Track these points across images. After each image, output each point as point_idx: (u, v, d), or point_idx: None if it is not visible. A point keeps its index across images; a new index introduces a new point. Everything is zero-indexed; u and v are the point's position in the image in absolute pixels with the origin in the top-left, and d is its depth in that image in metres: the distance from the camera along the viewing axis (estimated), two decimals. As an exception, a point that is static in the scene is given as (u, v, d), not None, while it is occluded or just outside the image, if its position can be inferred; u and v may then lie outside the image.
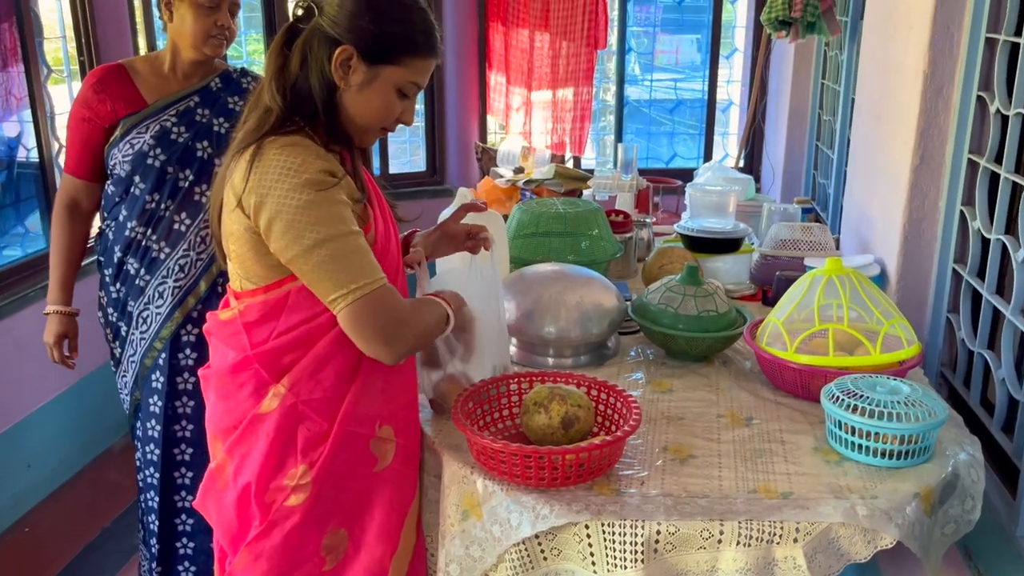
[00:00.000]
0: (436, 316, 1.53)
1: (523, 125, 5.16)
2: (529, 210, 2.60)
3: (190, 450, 2.27)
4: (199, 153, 2.17)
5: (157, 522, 2.29)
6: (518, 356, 2.06)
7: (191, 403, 2.25)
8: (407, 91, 1.46)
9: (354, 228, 1.39)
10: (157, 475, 2.27)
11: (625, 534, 1.40)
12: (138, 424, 2.30)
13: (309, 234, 1.34)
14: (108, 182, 2.21)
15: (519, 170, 4.76)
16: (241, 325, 1.48)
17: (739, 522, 1.39)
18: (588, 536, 1.42)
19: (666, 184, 4.13)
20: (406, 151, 5.76)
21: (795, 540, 1.38)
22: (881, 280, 2.50)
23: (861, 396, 1.58)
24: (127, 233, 2.18)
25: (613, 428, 1.66)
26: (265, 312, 1.46)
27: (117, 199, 2.19)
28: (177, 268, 2.18)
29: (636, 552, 1.40)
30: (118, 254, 2.20)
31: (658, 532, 1.40)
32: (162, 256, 2.18)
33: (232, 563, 1.56)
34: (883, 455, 1.55)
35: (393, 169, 5.44)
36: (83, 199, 2.24)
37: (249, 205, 1.37)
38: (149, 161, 2.14)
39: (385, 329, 1.38)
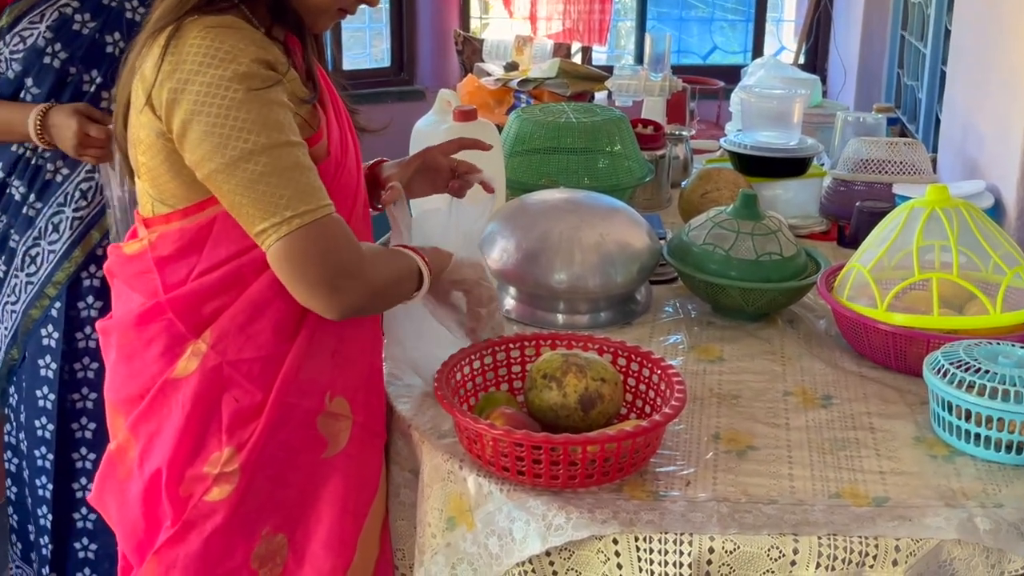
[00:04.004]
0: (401, 271, 1.51)
1: (529, 8, 5.12)
2: (531, 119, 2.62)
3: (92, 425, 2.29)
4: (109, 48, 2.16)
5: (51, 516, 2.32)
6: (517, 311, 2.05)
7: (94, 365, 2.27)
8: None
9: (295, 138, 1.39)
10: (51, 456, 2.29)
11: (667, 552, 1.39)
12: (13, 391, 2.32)
13: (235, 143, 1.34)
14: None
15: (512, 66, 4.75)
16: (152, 261, 1.48)
17: (819, 537, 1.38)
18: (617, 555, 1.40)
19: (704, 86, 4.11)
20: (364, 41, 5.72)
21: (894, 563, 1.37)
22: (995, 214, 2.50)
23: (978, 369, 1.56)
24: (14, 148, 2.19)
25: (648, 410, 1.64)
26: (183, 244, 1.46)
27: None
28: (78, 194, 2.20)
29: (681, 576, 1.39)
30: (0, 174, 2.22)
31: (711, 550, 1.38)
32: (59, 179, 2.20)
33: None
34: (1009, 448, 1.54)
35: (348, 64, 5.40)
36: None
37: (160, 102, 1.37)
38: (46, 59, 2.13)
39: (334, 271, 1.38)
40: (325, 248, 1.37)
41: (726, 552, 1.38)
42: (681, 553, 1.38)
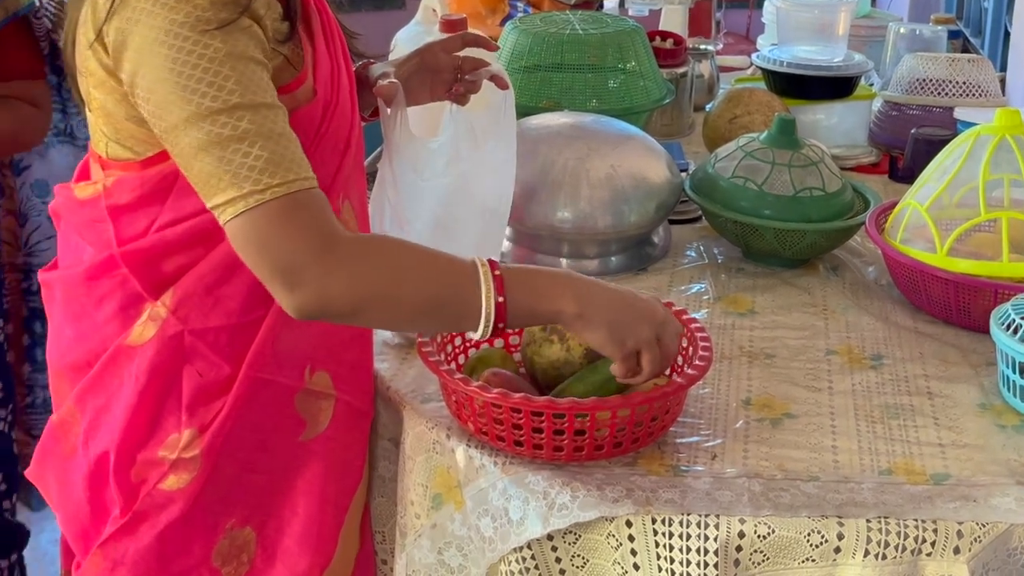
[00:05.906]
0: (443, 283, 1.37)
1: None
2: (529, 31, 2.60)
3: None
4: None
5: None
6: (514, 254, 2.07)
7: None
8: None
9: (276, 102, 1.33)
10: None
11: (689, 537, 1.38)
12: None
13: (208, 91, 1.28)
14: None
15: (508, -30, 4.69)
16: (106, 209, 1.46)
17: (867, 521, 1.37)
18: (630, 539, 1.40)
19: (733, -7, 4.09)
20: (335, -61, 5.66)
21: (956, 550, 1.36)
22: (1074, 144, 2.46)
23: (1055, 325, 1.57)
24: None
25: (667, 370, 1.60)
26: (143, 193, 1.44)
27: None
28: None
29: (706, 565, 1.38)
30: None
31: (741, 534, 1.38)
32: None
33: (80, 569, 1.56)
34: (1089, 417, 1.56)
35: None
36: None
37: (110, 39, 1.32)
38: None
39: (320, 246, 1.30)
40: (310, 217, 1.31)
41: (759, 537, 1.37)
42: (706, 538, 1.37)
